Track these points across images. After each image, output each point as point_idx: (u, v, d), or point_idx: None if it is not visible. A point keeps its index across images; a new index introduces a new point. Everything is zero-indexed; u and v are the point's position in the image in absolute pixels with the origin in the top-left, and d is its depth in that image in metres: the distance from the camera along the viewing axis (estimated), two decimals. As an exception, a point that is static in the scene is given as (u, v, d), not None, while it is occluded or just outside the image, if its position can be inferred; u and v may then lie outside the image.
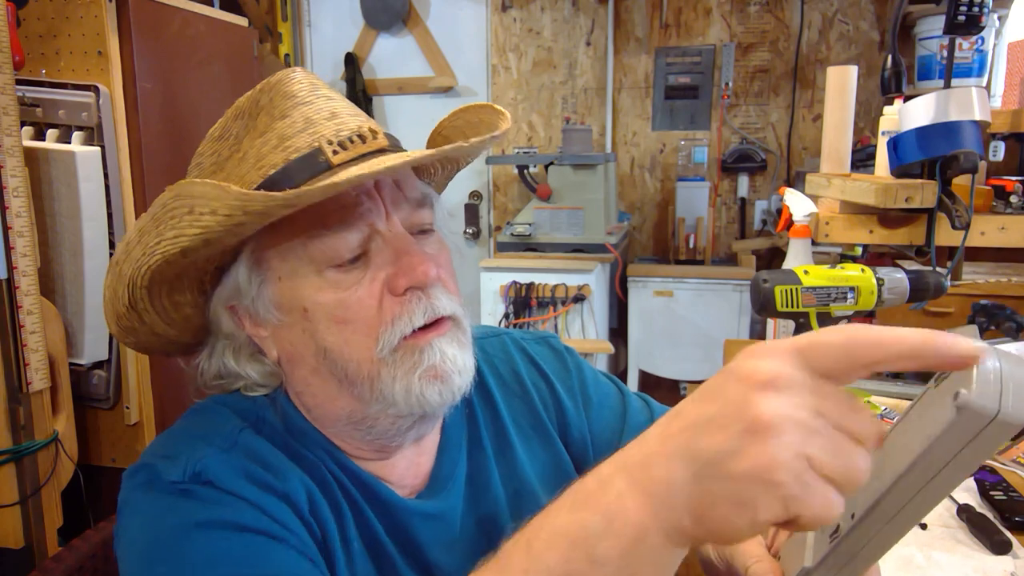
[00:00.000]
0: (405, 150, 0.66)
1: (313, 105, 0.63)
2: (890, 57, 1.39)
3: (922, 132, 1.28)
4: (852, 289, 1.04)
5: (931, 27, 2.63)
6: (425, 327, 0.61)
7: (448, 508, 0.70)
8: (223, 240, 0.57)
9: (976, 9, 1.24)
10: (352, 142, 0.61)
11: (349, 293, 0.60)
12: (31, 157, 1.66)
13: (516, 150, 3.44)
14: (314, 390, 0.65)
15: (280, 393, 0.67)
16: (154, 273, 0.59)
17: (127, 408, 1.89)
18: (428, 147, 0.74)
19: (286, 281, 0.61)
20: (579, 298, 2.84)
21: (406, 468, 0.70)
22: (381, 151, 0.62)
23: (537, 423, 0.80)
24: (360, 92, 3.69)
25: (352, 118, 0.63)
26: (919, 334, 0.38)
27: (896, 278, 1.06)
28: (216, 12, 2.24)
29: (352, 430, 0.66)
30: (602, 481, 0.44)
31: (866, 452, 0.38)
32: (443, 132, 0.73)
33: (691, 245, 3.28)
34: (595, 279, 2.86)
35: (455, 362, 0.62)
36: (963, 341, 0.38)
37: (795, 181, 3.25)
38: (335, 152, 0.60)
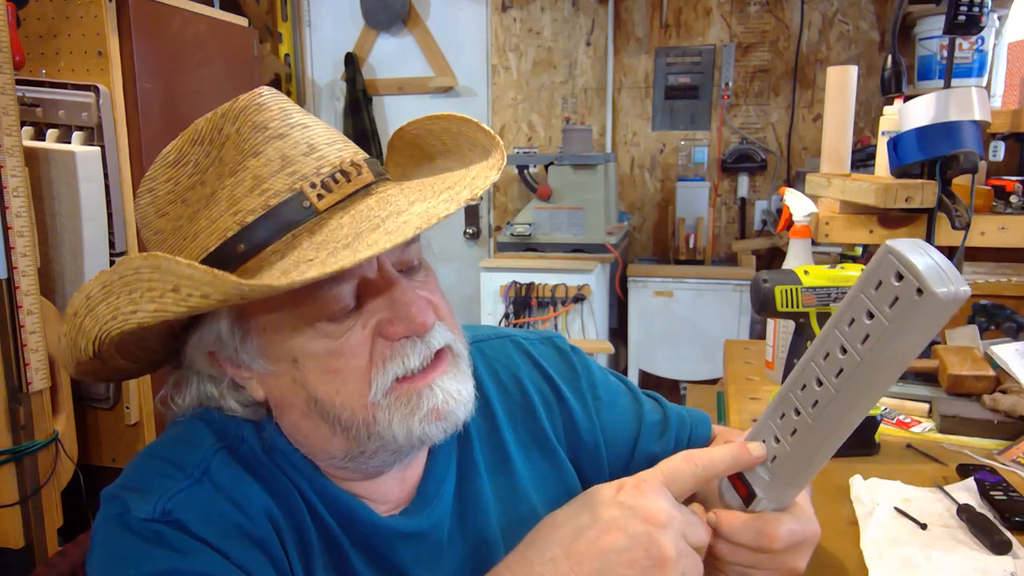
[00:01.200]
0: (386, 174, 0.63)
1: (288, 138, 0.58)
2: (890, 57, 1.39)
3: (922, 132, 1.28)
4: (852, 289, 1.04)
5: (931, 27, 2.63)
6: (422, 365, 0.59)
7: (432, 526, 0.67)
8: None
9: (976, 9, 1.24)
10: (336, 181, 0.57)
11: (341, 341, 0.57)
12: (31, 157, 1.66)
13: (516, 150, 3.44)
14: (305, 431, 0.62)
15: (269, 422, 0.64)
16: (125, 334, 0.55)
17: (127, 408, 1.89)
18: (390, 149, 0.71)
19: (272, 332, 0.58)
20: (579, 298, 2.84)
21: (391, 485, 0.67)
22: (366, 186, 0.59)
23: (539, 433, 0.77)
24: (360, 92, 3.69)
25: (330, 148, 0.59)
26: (728, 451, 0.58)
27: (896, 278, 1.05)
28: (216, 12, 2.24)
29: (347, 463, 0.63)
30: None
31: (700, 557, 0.55)
32: (415, 132, 0.68)
33: (691, 245, 3.28)
34: (595, 279, 2.86)
35: (458, 397, 0.60)
36: (753, 447, 0.58)
37: (795, 181, 3.25)
38: (320, 196, 0.56)
